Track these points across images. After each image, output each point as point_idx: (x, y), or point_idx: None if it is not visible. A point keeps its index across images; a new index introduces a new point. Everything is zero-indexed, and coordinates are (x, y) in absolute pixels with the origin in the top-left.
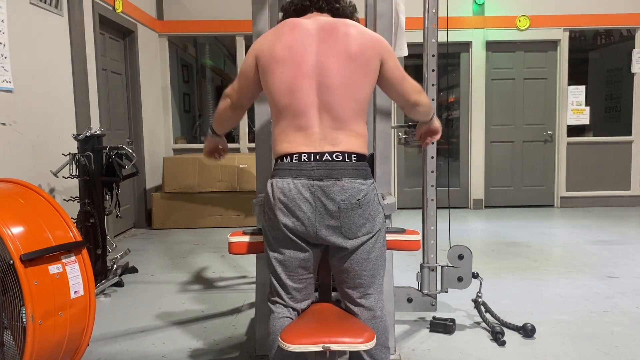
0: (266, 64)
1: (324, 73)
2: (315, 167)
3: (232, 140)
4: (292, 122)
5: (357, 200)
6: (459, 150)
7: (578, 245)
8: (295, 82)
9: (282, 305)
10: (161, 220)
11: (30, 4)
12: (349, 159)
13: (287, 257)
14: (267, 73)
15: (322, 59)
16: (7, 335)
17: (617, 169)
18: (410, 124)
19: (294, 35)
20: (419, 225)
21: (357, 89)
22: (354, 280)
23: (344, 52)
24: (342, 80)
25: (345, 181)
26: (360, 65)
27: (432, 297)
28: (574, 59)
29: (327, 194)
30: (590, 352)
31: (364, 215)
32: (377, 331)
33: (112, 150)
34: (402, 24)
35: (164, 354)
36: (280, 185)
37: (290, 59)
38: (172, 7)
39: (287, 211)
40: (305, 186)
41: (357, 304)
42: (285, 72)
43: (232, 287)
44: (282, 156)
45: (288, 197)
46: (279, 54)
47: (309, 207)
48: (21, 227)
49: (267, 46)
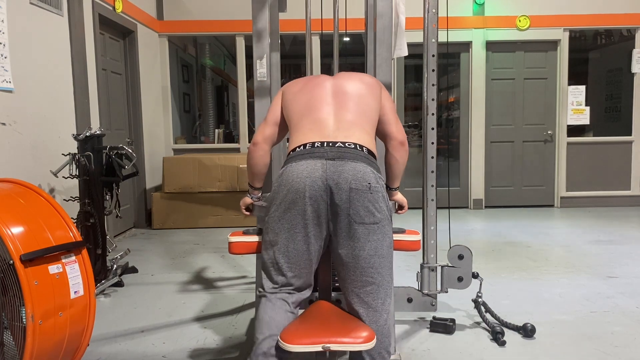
0: (290, 93)
1: (338, 85)
2: (327, 150)
3: (232, 140)
4: (310, 116)
5: (368, 183)
6: (459, 150)
7: (578, 245)
8: (312, 90)
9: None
10: (161, 220)
11: (30, 4)
12: (360, 148)
13: (292, 245)
14: (289, 101)
15: (338, 83)
16: (7, 335)
17: (617, 169)
18: (410, 124)
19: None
20: (419, 225)
21: (366, 101)
22: (362, 277)
23: (356, 79)
24: (355, 89)
25: (358, 163)
26: (369, 87)
27: (432, 297)
28: (574, 59)
29: (339, 172)
30: (590, 352)
31: (373, 204)
32: (381, 334)
33: (112, 150)
34: (402, 24)
35: (164, 354)
36: (292, 167)
37: (310, 88)
38: (172, 7)
39: (298, 192)
40: (318, 165)
41: (362, 302)
42: (304, 94)
43: (232, 287)
44: (295, 147)
45: (300, 177)
46: (300, 87)
47: (320, 184)
48: (21, 227)
49: (291, 86)
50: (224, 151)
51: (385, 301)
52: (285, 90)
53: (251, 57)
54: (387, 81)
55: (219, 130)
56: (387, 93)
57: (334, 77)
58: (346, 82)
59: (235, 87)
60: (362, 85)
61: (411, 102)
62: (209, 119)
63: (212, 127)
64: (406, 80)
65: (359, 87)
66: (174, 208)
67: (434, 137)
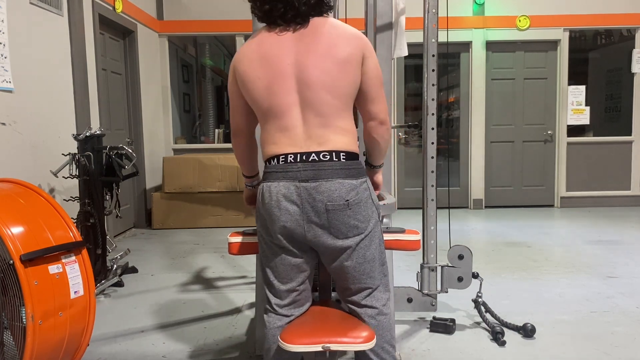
0: (243, 73)
1: (302, 70)
2: (301, 168)
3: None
4: (276, 123)
5: (345, 201)
6: (459, 150)
7: (578, 245)
8: (274, 82)
9: (274, 314)
10: (161, 220)
11: (30, 4)
12: (336, 157)
13: (279, 263)
14: (245, 82)
15: (301, 58)
16: (7, 335)
17: (617, 169)
18: (410, 124)
19: (267, 43)
20: (419, 225)
21: (338, 86)
22: (354, 285)
23: (323, 48)
24: (322, 77)
25: (333, 182)
26: (340, 61)
27: (432, 297)
28: (574, 59)
29: (313, 196)
30: (590, 352)
31: (355, 216)
32: (382, 328)
33: (112, 150)
34: (402, 24)
35: (164, 354)
36: (268, 189)
37: (266, 62)
38: (172, 7)
39: (276, 214)
40: (292, 188)
41: (361, 305)
42: (262, 75)
43: (232, 287)
44: (269, 158)
45: (275, 200)
46: (255, 60)
47: (296, 209)
48: (21, 227)
49: (242, 57)
50: (224, 151)
51: (382, 298)
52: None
53: None
54: (387, 81)
55: (219, 130)
56: (372, 61)
57: (294, 54)
58: (311, 67)
59: None
60: (331, 65)
61: (411, 102)
62: (209, 119)
63: (212, 127)
64: (406, 80)
65: (328, 69)
66: (174, 208)
67: (434, 137)
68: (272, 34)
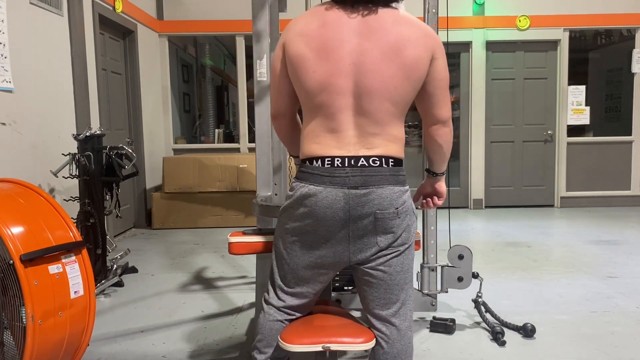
0: (296, 57)
1: (363, 73)
2: (350, 174)
3: (232, 140)
4: (324, 123)
5: (395, 209)
6: (459, 150)
7: (578, 245)
8: (330, 81)
9: (275, 308)
10: (161, 220)
11: (30, 4)
12: (386, 164)
13: (302, 269)
14: (298, 68)
15: (364, 58)
16: (7, 335)
17: (617, 169)
18: (410, 124)
19: (332, 27)
20: (419, 225)
21: (400, 94)
22: (385, 295)
23: (390, 49)
24: (384, 85)
25: (384, 189)
26: (407, 66)
27: (432, 297)
28: (574, 59)
29: (362, 204)
30: (590, 352)
31: (402, 225)
32: (405, 354)
33: (112, 150)
34: None
35: (164, 354)
36: (310, 192)
37: (325, 53)
38: (172, 7)
39: (317, 221)
40: (340, 195)
41: (389, 322)
42: (318, 68)
43: (232, 287)
44: (311, 158)
45: (320, 207)
46: (313, 46)
47: (342, 215)
48: (21, 227)
49: (298, 36)
50: (224, 151)
51: (408, 318)
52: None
53: (251, 57)
54: None
55: (219, 130)
56: (440, 63)
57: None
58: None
59: (235, 87)
60: (397, 71)
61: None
62: (209, 119)
63: (212, 127)
64: None
65: (391, 76)
66: (174, 208)
67: None
68: (336, 15)
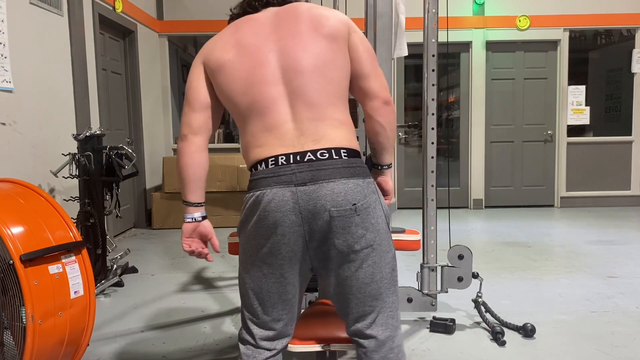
0: (217, 62)
1: (287, 55)
2: (296, 170)
3: (232, 140)
4: (260, 122)
5: (352, 205)
6: (459, 150)
7: (578, 245)
8: (255, 73)
9: (252, 346)
10: (161, 220)
11: (30, 4)
12: (337, 155)
13: (268, 286)
14: (221, 73)
15: (283, 42)
16: (7, 335)
17: (617, 169)
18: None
19: (244, 28)
20: (419, 225)
21: (329, 68)
22: (358, 308)
23: (307, 27)
24: (311, 58)
25: (336, 183)
26: (331, 44)
27: (432, 297)
28: (574, 59)
29: (314, 201)
30: (590, 352)
31: (363, 224)
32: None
33: (112, 150)
34: (402, 24)
35: (164, 354)
36: (256, 198)
37: (243, 50)
38: (172, 7)
39: (269, 228)
40: (288, 195)
41: (365, 336)
42: (241, 66)
43: (232, 287)
44: (255, 164)
45: (268, 211)
46: (230, 47)
47: (294, 219)
48: (21, 227)
49: (214, 45)
50: (224, 151)
51: (390, 325)
52: (206, 59)
53: None
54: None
55: (218, 130)
56: (358, 35)
57: (275, 40)
58: (298, 50)
59: None
60: (321, 46)
61: (411, 102)
62: None
63: None
64: (406, 80)
65: (318, 51)
66: (174, 208)
67: (434, 137)
68: (247, 19)
